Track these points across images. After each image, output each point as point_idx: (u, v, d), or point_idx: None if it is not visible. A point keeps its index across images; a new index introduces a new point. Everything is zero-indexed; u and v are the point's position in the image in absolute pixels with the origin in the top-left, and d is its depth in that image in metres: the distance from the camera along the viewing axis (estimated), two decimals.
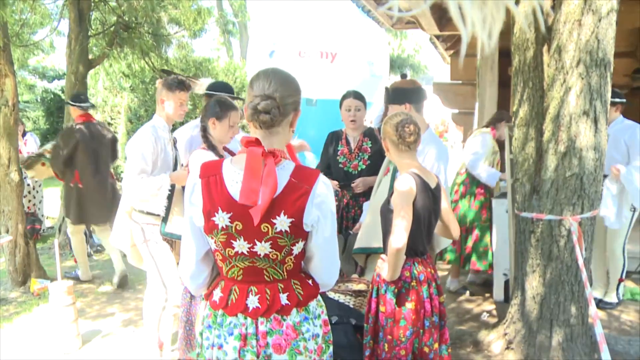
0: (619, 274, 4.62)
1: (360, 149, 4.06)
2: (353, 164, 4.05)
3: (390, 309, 2.55)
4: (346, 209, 4.02)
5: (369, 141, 4.07)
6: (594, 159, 3.46)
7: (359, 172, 4.03)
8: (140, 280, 5.78)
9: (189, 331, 3.25)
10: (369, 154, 4.03)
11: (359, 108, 4.02)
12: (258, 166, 1.72)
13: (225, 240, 1.77)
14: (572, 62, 3.39)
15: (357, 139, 4.10)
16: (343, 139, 4.15)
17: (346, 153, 4.10)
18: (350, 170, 4.05)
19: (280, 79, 1.80)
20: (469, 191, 5.13)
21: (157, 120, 3.52)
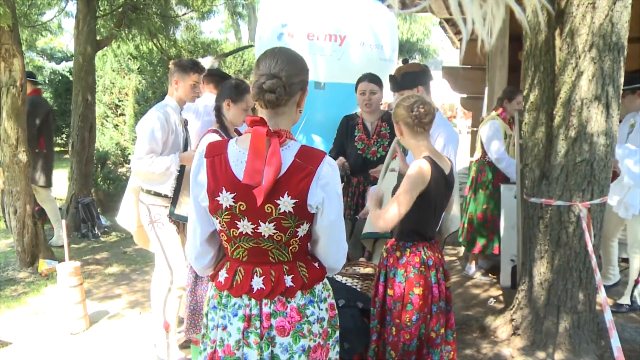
0: (636, 273, 4.31)
1: (379, 135, 3.94)
2: (372, 150, 3.93)
3: (399, 292, 2.54)
4: (362, 196, 3.89)
5: (387, 126, 3.94)
6: (604, 145, 3.41)
7: (378, 159, 3.90)
8: (146, 262, 5.82)
9: (193, 312, 3.25)
10: (389, 140, 3.90)
11: (375, 92, 3.90)
12: (262, 146, 1.70)
13: (229, 221, 1.76)
14: (584, 45, 3.33)
15: (374, 124, 3.98)
16: (360, 124, 4.01)
17: (364, 139, 3.97)
18: (369, 156, 3.93)
19: (287, 58, 1.78)
20: (483, 179, 5.10)
21: (168, 101, 3.51)
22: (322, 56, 7.15)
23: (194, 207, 1.86)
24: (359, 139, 3.97)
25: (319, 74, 6.86)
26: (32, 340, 3.92)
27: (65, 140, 13.44)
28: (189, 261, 2.00)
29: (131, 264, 5.82)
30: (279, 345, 1.78)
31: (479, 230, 5.08)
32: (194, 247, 1.91)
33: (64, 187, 8.41)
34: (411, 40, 26.11)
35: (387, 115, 3.99)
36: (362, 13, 7.52)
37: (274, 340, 1.78)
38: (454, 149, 3.11)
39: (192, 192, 1.84)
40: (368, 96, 3.90)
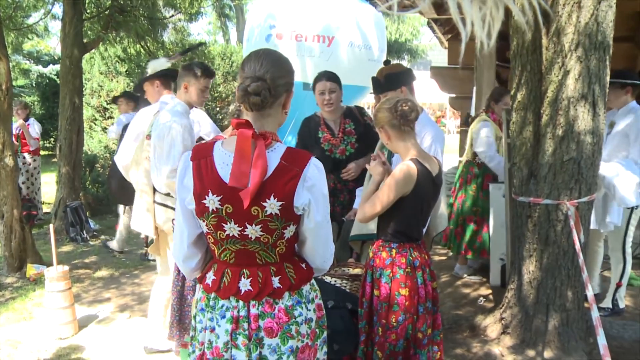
0: (618, 277, 4.29)
1: (345, 132, 3.85)
2: (339, 149, 3.84)
3: (385, 293, 2.54)
4: (334, 194, 3.78)
5: (351, 122, 3.87)
6: (591, 143, 3.43)
7: (348, 157, 3.83)
8: (136, 266, 5.79)
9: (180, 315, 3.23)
10: (356, 137, 3.84)
11: (334, 90, 3.79)
12: (248, 148, 1.69)
13: (216, 223, 1.75)
14: (570, 45, 3.35)
15: (337, 122, 3.89)
16: (322, 125, 3.91)
17: (330, 139, 3.86)
18: (338, 156, 3.84)
19: (272, 60, 1.77)
20: (473, 180, 5.11)
21: (178, 104, 3.42)
22: (311, 57, 7.16)
23: (180, 209, 1.85)
24: (324, 139, 3.87)
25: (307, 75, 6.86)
26: (20, 345, 3.88)
27: (53, 144, 13.35)
28: (177, 264, 1.99)
29: (120, 267, 5.79)
30: (267, 346, 1.77)
31: (468, 231, 5.09)
32: (181, 249, 1.90)
33: (52, 191, 8.35)
34: (400, 41, 26.17)
35: (349, 110, 3.93)
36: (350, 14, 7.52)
37: (262, 341, 1.77)
38: (440, 148, 3.11)
39: (179, 195, 1.83)
40: (328, 95, 3.78)
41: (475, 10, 1.70)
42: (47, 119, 13.39)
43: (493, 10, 1.64)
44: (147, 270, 5.66)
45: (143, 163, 3.59)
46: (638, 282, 5.03)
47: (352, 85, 6.81)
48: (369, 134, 3.83)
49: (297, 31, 7.26)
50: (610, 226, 4.15)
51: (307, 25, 7.27)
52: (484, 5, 1.63)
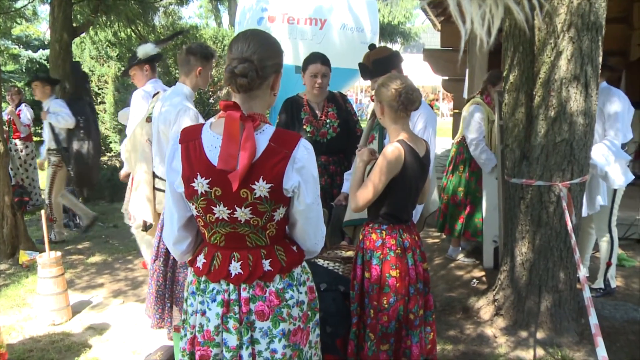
0: (607, 257, 4.30)
1: (327, 116, 3.86)
2: (321, 132, 3.84)
3: (376, 275, 2.54)
4: None
5: (334, 107, 3.88)
6: (584, 125, 3.43)
7: (329, 141, 3.84)
8: (129, 251, 5.78)
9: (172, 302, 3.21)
10: (338, 121, 3.84)
11: (326, 74, 3.79)
12: (236, 131, 1.67)
13: (205, 206, 1.74)
14: (563, 25, 3.33)
15: (321, 105, 3.89)
16: (306, 106, 3.90)
17: (312, 121, 3.86)
18: (319, 138, 3.83)
19: (260, 41, 1.74)
20: (461, 162, 5.11)
21: (186, 91, 3.38)
22: (303, 40, 7.11)
23: (169, 193, 1.83)
24: (306, 121, 3.86)
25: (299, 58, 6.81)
26: (14, 332, 3.87)
27: None
28: (167, 247, 1.98)
29: (113, 253, 5.77)
30: (258, 329, 1.77)
31: (452, 211, 5.10)
32: (171, 233, 1.89)
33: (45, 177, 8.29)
34: (392, 24, 26.02)
35: (332, 95, 3.94)
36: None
37: (253, 324, 1.77)
38: (433, 130, 3.10)
39: (168, 178, 1.82)
40: (320, 79, 3.77)
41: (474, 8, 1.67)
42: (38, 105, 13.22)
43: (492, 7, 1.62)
44: (141, 256, 5.64)
45: (143, 147, 3.55)
46: (629, 263, 5.06)
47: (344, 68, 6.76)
48: (349, 119, 3.89)
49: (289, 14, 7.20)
50: (597, 207, 4.17)
51: (299, 7, 7.21)
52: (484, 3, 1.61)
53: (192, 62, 3.33)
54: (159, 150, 3.34)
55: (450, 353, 3.46)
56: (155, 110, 3.41)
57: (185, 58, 3.33)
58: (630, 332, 3.63)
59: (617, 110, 4.00)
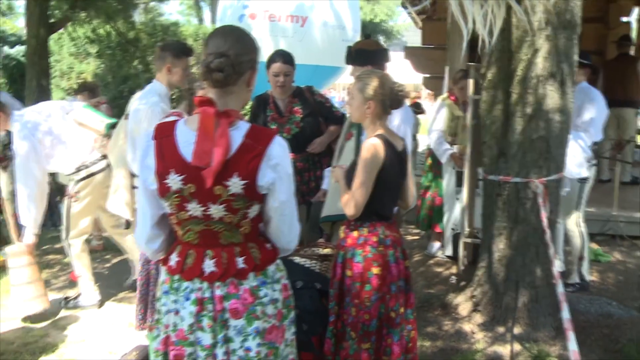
0: (578, 251, 4.38)
1: (292, 112, 3.87)
2: (286, 128, 3.85)
3: (357, 272, 2.53)
4: None
5: (298, 102, 3.89)
6: (560, 122, 3.46)
7: (293, 136, 3.83)
8: (107, 250, 5.71)
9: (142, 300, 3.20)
10: (301, 116, 3.86)
11: (288, 73, 3.79)
12: (211, 127, 1.66)
13: (178, 203, 1.72)
14: (540, 23, 3.35)
15: (285, 101, 3.90)
16: (271, 103, 3.92)
17: (277, 117, 3.89)
18: (284, 135, 3.82)
19: (236, 37, 1.74)
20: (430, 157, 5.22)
21: (160, 89, 3.40)
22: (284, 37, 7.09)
23: (142, 190, 1.81)
24: (271, 118, 3.90)
25: None
26: None
27: None
28: (140, 246, 1.96)
29: (91, 252, 5.69)
30: (232, 327, 1.76)
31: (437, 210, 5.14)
32: (144, 231, 1.87)
33: None
34: (374, 21, 26.09)
35: (298, 91, 3.93)
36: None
37: (227, 322, 1.76)
38: (409, 128, 3.11)
39: (141, 175, 1.80)
40: (282, 78, 3.77)
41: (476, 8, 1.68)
42: None
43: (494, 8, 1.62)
44: (118, 255, 5.59)
45: (121, 151, 3.53)
46: (604, 258, 5.13)
47: (325, 65, 6.76)
48: (322, 110, 3.91)
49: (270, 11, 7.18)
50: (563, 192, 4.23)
51: (281, 5, 7.20)
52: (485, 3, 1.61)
53: (163, 58, 3.32)
54: (132, 149, 3.32)
55: (428, 349, 3.48)
56: (130, 108, 3.40)
57: (159, 54, 3.34)
58: (604, 326, 3.68)
59: (593, 115, 4.11)
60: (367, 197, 2.47)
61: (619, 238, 5.18)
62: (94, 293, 4.26)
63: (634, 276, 4.75)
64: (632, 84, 7.24)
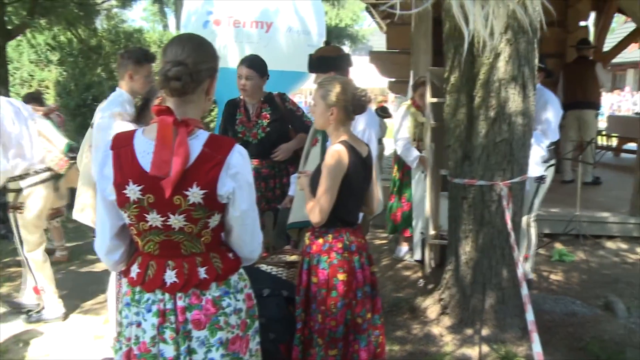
0: (524, 249, 4.41)
1: (259, 117, 3.88)
2: (252, 133, 3.86)
3: (323, 279, 2.52)
4: None
5: (268, 107, 3.89)
6: (522, 124, 3.51)
7: (259, 141, 3.84)
8: (72, 262, 5.59)
9: None
10: (268, 121, 3.86)
11: (250, 77, 3.78)
12: (169, 136, 1.63)
13: (138, 214, 1.69)
14: (500, 28, 3.40)
15: (255, 106, 3.91)
16: (241, 107, 3.94)
17: (245, 122, 3.90)
18: (251, 139, 3.85)
19: (194, 45, 1.72)
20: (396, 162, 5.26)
21: (123, 96, 3.36)
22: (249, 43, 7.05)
23: (101, 201, 1.77)
24: (239, 122, 3.92)
25: None
26: None
27: None
28: (100, 257, 1.91)
29: (55, 263, 5.56)
30: (195, 339, 1.73)
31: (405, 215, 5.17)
32: (103, 242, 1.83)
33: None
34: (340, 26, 26.21)
35: (269, 97, 3.94)
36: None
37: (190, 334, 1.73)
38: (374, 132, 3.12)
39: (99, 186, 1.75)
40: (243, 81, 3.79)
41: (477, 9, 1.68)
42: None
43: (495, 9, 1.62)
44: (85, 265, 5.49)
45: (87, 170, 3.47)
46: (569, 258, 5.22)
47: (290, 71, 6.74)
48: (292, 118, 3.92)
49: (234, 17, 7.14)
50: None
51: (245, 10, 7.16)
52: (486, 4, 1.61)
53: (125, 66, 3.29)
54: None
55: (397, 354, 3.48)
56: (95, 118, 3.35)
57: (120, 62, 3.31)
58: (569, 325, 3.74)
59: (548, 116, 4.20)
60: (332, 203, 2.46)
61: (582, 238, 5.28)
62: (58, 306, 4.16)
63: (597, 275, 4.84)
64: (591, 86, 7.42)
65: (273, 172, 3.86)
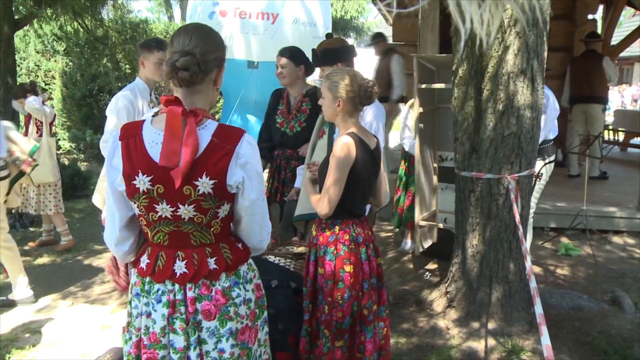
0: None
1: (299, 110, 3.91)
2: (290, 125, 3.91)
3: (329, 270, 2.52)
4: (278, 170, 3.91)
5: (309, 102, 3.91)
6: (530, 118, 3.49)
7: (295, 134, 3.88)
8: (79, 251, 5.63)
9: None
10: (306, 116, 3.88)
11: (284, 65, 3.87)
12: (178, 126, 1.63)
13: (147, 205, 1.69)
14: (510, 20, 3.38)
15: (297, 99, 3.95)
16: (284, 98, 4.00)
17: (285, 113, 3.96)
18: (287, 131, 3.91)
19: (202, 34, 1.71)
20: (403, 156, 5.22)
21: (137, 82, 3.57)
22: (255, 35, 7.04)
23: (110, 192, 1.77)
24: (280, 112, 3.97)
25: (252, 53, 6.75)
26: None
27: None
28: (110, 248, 1.91)
29: (62, 254, 5.60)
30: (205, 329, 1.74)
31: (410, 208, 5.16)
32: (112, 233, 1.83)
33: None
34: (345, 18, 26.09)
35: (312, 91, 3.95)
36: None
37: (200, 324, 1.74)
38: (382, 124, 3.11)
39: (108, 177, 1.75)
40: (280, 70, 3.89)
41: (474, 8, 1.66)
42: None
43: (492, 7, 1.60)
44: (92, 255, 5.51)
45: None
46: (575, 253, 5.21)
47: None
48: None
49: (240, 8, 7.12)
50: None
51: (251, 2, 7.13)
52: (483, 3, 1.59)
53: (139, 54, 3.48)
54: None
55: (403, 346, 3.49)
56: None
57: (137, 51, 3.48)
58: (575, 319, 3.74)
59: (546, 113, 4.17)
60: (340, 195, 2.46)
61: (589, 232, 5.26)
62: (26, 289, 4.28)
63: (603, 269, 4.83)
64: (598, 80, 7.36)
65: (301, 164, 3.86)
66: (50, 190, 5.64)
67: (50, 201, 5.64)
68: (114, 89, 4.04)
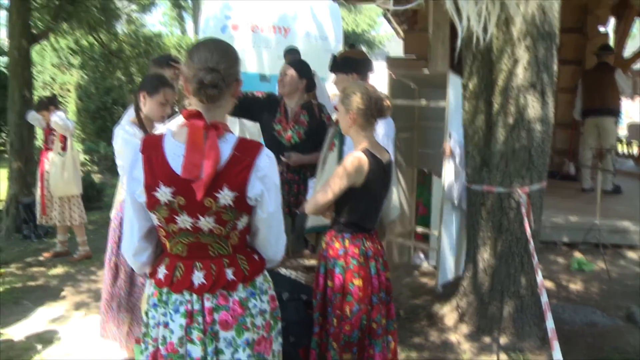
0: None
1: (297, 122, 3.86)
2: (287, 135, 3.85)
3: (338, 283, 2.55)
4: None
5: (306, 114, 3.88)
6: (541, 131, 3.51)
7: (293, 145, 3.84)
8: (93, 262, 5.66)
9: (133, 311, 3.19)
10: (305, 129, 3.84)
11: (288, 74, 3.83)
12: (200, 139, 1.68)
13: (168, 216, 1.72)
14: (519, 34, 3.41)
15: (294, 110, 3.90)
16: (282, 106, 3.93)
17: (283, 121, 3.89)
18: (284, 141, 3.85)
19: (222, 50, 1.76)
20: None
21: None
22: (267, 48, 7.12)
23: (130, 203, 1.81)
24: (278, 120, 3.90)
25: (264, 66, 6.82)
26: None
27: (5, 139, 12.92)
28: (127, 259, 1.95)
29: (76, 264, 5.65)
30: (222, 339, 1.76)
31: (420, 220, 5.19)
32: (131, 244, 1.86)
33: (4, 187, 8.08)
34: (357, 32, 26.24)
35: (309, 104, 3.92)
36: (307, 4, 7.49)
37: (217, 335, 1.76)
38: (392, 139, 3.14)
39: (128, 188, 1.79)
40: (281, 77, 3.86)
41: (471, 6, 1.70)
42: None
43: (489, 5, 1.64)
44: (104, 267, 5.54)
45: None
46: (588, 267, 5.17)
47: None
48: (321, 131, 3.81)
49: (253, 22, 7.20)
50: None
51: (263, 15, 7.22)
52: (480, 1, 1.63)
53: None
54: None
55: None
56: None
57: None
58: (589, 335, 3.72)
59: None
60: (330, 202, 2.51)
61: (602, 247, 5.22)
62: None
63: (617, 285, 4.78)
64: (610, 92, 7.32)
65: (298, 177, 3.84)
66: (74, 201, 5.73)
67: (75, 212, 5.75)
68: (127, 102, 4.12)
